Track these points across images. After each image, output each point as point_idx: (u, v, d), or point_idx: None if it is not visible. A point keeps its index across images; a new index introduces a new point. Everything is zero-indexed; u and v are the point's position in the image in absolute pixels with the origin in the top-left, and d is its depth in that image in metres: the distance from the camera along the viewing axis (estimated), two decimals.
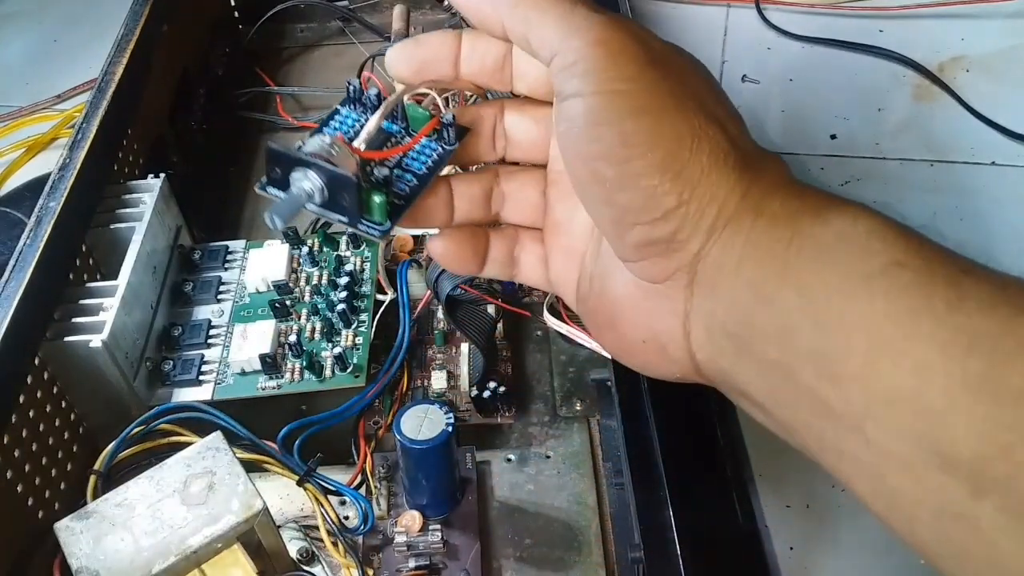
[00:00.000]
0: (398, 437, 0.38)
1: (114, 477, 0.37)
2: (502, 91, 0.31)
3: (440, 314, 0.48)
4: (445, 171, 0.31)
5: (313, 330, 0.45)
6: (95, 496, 0.35)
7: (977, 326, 0.21)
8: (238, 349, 0.44)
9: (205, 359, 0.44)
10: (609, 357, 0.38)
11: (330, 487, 0.39)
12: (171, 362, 0.44)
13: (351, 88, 0.30)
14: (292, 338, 0.44)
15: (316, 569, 0.40)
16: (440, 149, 0.30)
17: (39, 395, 0.39)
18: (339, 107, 0.31)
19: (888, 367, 0.22)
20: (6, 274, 0.39)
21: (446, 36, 0.30)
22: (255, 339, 0.44)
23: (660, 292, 0.27)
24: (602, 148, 0.26)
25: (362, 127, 0.30)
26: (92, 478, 0.36)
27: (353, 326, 0.45)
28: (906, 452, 0.22)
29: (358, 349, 0.45)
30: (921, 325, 0.22)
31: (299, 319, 0.46)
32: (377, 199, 0.28)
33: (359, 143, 0.29)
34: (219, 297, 0.47)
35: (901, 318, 0.22)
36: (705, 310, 0.27)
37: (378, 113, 0.29)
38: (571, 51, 0.26)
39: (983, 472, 0.20)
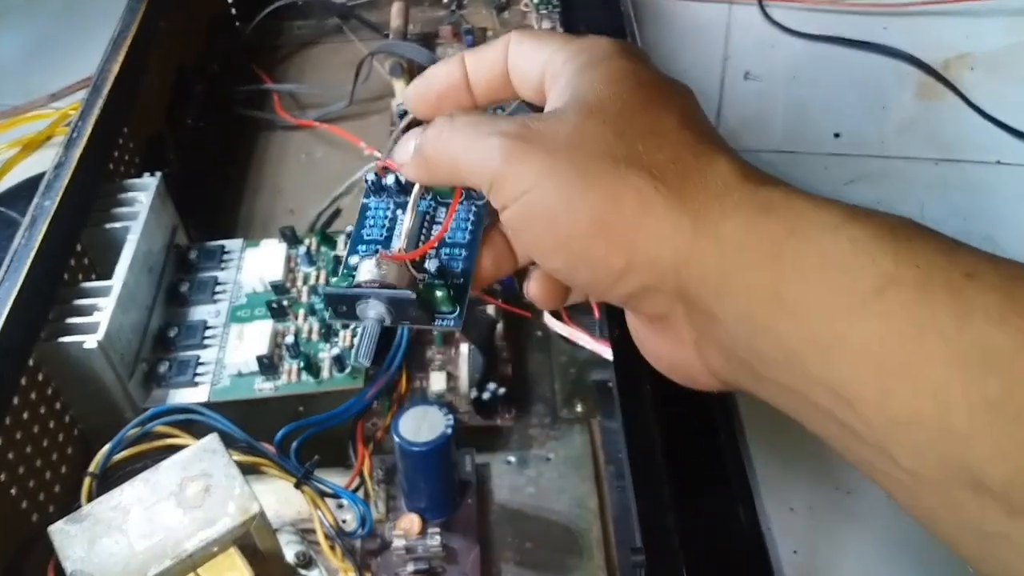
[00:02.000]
0: (397, 439, 0.37)
1: (109, 480, 0.36)
2: (512, 100, 0.32)
3: None
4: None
5: (310, 331, 0.45)
6: (90, 499, 0.35)
7: (989, 342, 0.20)
8: (235, 350, 0.44)
9: (201, 360, 0.44)
10: (610, 358, 0.38)
11: (328, 490, 0.39)
12: (167, 363, 0.44)
13: (370, 181, 0.32)
14: (289, 339, 0.44)
15: (313, 573, 0.39)
16: (473, 208, 0.31)
17: (33, 397, 0.39)
18: (365, 201, 0.32)
19: (903, 391, 0.21)
20: (0, 274, 0.39)
21: (450, 65, 0.31)
22: (252, 340, 0.44)
23: (666, 327, 0.28)
24: (534, 248, 0.28)
25: (393, 214, 0.32)
26: (87, 480, 0.36)
27: (351, 327, 0.45)
28: (935, 474, 0.21)
29: None
30: (930, 345, 0.21)
31: (296, 319, 0.45)
32: (439, 294, 0.30)
33: (401, 244, 0.30)
34: (215, 297, 0.47)
35: (907, 340, 0.21)
36: (713, 337, 0.26)
37: (409, 210, 0.31)
38: (485, 178, 0.28)
39: (1015, 493, 0.20)
